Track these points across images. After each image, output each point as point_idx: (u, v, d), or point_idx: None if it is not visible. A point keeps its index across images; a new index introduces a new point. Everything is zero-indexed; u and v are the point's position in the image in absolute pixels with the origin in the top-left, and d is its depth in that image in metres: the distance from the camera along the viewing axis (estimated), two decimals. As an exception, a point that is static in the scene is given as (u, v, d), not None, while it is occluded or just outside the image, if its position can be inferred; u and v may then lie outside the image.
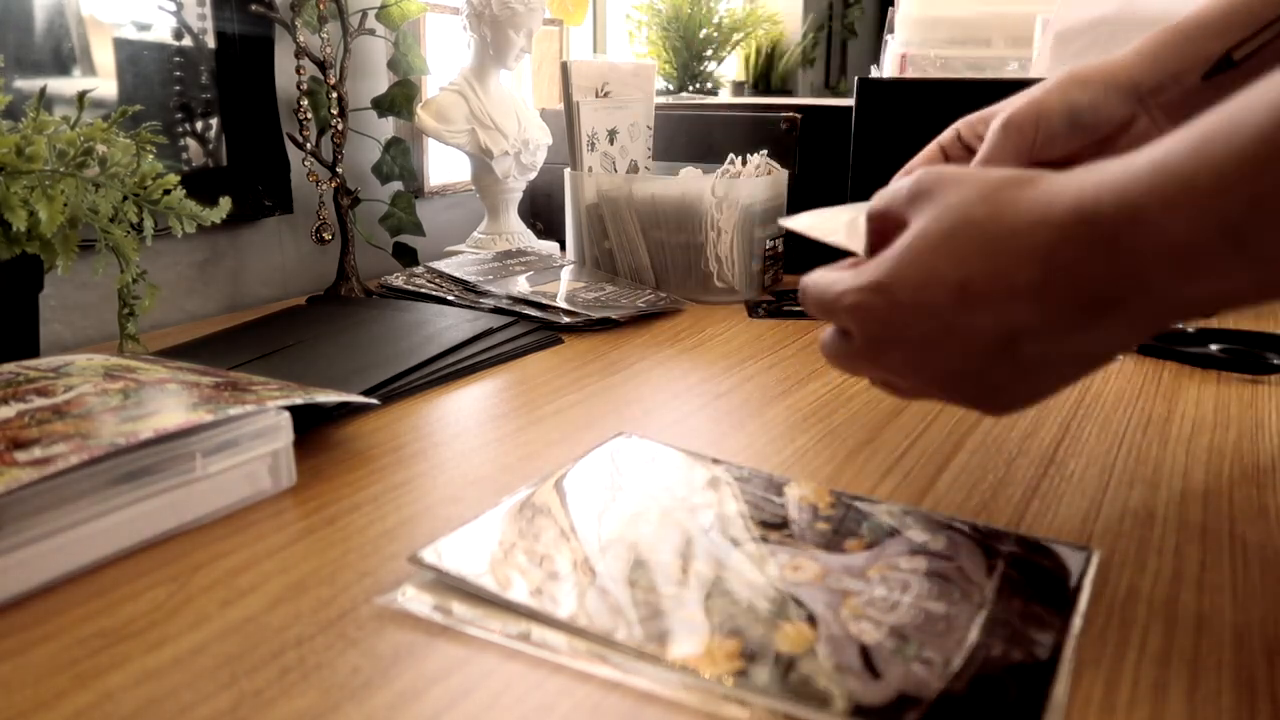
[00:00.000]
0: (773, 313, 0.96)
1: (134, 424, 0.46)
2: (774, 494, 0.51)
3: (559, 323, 0.88)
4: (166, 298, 0.94)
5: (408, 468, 0.57)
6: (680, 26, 2.09)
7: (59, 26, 0.85)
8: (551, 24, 1.47)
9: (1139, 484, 0.55)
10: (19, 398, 0.49)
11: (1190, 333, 0.82)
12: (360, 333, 0.80)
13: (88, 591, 0.43)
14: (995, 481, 0.55)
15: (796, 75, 2.67)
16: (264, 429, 0.52)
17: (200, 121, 0.97)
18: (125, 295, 0.70)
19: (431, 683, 0.36)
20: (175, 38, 0.94)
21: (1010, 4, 1.19)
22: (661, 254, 1.03)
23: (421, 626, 0.40)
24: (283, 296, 1.07)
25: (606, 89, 1.13)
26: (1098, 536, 0.48)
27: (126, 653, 0.38)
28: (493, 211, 1.18)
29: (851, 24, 3.09)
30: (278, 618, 0.41)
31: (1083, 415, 0.66)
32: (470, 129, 1.11)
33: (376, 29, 1.04)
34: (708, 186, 0.99)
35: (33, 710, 0.35)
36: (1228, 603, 0.42)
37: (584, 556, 0.44)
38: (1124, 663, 0.38)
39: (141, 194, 0.69)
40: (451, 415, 0.66)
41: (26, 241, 0.63)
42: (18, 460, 0.42)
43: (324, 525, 0.49)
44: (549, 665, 0.37)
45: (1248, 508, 0.52)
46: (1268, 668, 0.37)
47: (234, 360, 0.73)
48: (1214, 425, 0.64)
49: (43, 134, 0.64)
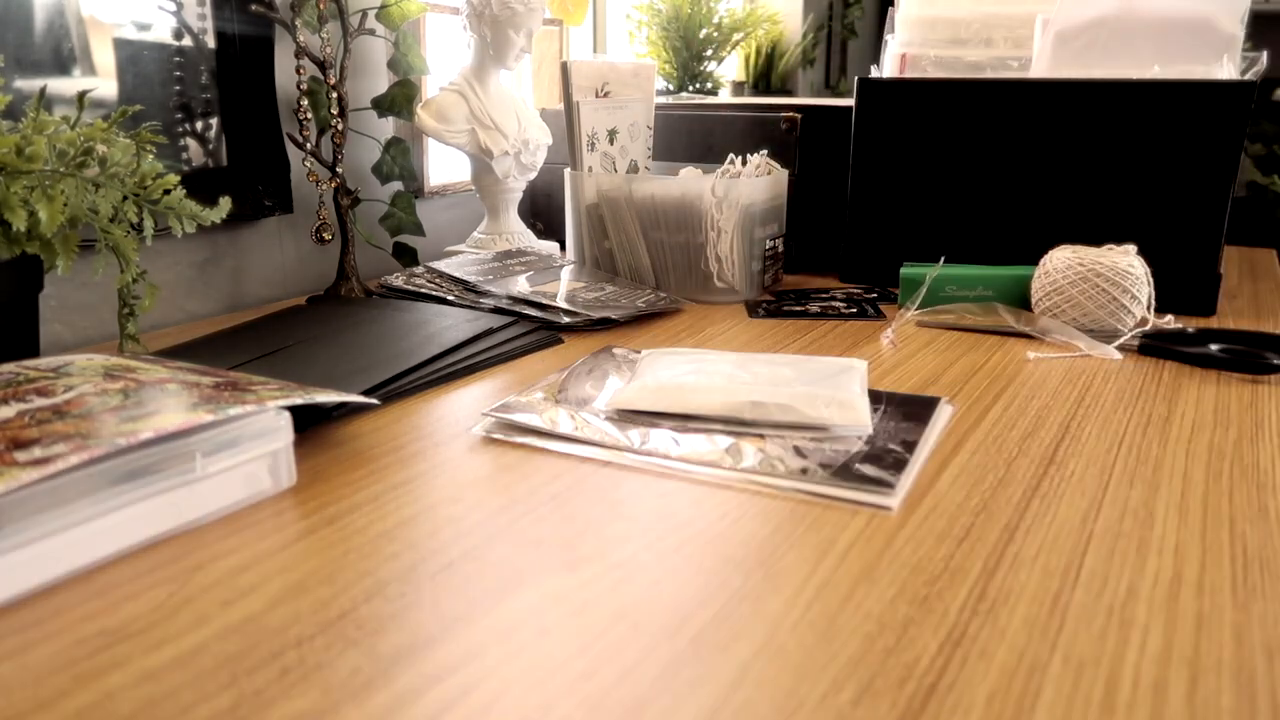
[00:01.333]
0: (773, 313, 0.96)
1: (134, 424, 0.46)
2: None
3: (559, 323, 0.88)
4: (166, 298, 0.94)
5: (408, 468, 0.57)
6: (680, 26, 2.09)
7: (59, 26, 0.85)
8: (551, 24, 1.47)
9: (1139, 484, 0.55)
10: (19, 398, 0.49)
11: (1190, 333, 0.82)
12: (360, 333, 0.80)
13: (88, 591, 0.43)
14: (995, 481, 0.55)
15: (796, 75, 2.67)
16: (264, 429, 0.52)
17: (200, 121, 0.97)
18: (125, 295, 0.70)
19: (431, 683, 0.36)
20: (175, 38, 0.94)
21: (1010, 4, 1.19)
22: (661, 254, 1.03)
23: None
24: (283, 296, 1.07)
25: (606, 89, 1.13)
26: (1098, 536, 0.48)
27: (126, 653, 0.38)
28: (493, 211, 1.18)
29: (851, 24, 3.09)
30: (278, 618, 0.41)
31: (1083, 415, 0.66)
32: (470, 129, 1.11)
33: (376, 29, 1.04)
34: (708, 186, 0.99)
35: (33, 710, 0.35)
36: (1228, 603, 0.42)
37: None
38: (1124, 663, 0.38)
39: (141, 194, 0.69)
40: (451, 415, 0.66)
41: (26, 241, 0.63)
42: (18, 460, 0.42)
43: (324, 525, 0.49)
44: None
45: (1248, 508, 0.52)
46: (1268, 667, 0.37)
47: (234, 360, 0.73)
48: (1214, 425, 0.64)
49: (43, 134, 0.64)
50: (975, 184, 1.03)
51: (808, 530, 0.49)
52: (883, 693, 0.36)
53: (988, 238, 1.04)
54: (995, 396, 0.70)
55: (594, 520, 0.50)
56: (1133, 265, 0.86)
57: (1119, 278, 0.85)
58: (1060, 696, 0.36)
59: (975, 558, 0.46)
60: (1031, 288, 0.91)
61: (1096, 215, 0.99)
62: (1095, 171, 0.98)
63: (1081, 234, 0.98)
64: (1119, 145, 0.97)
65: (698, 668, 0.37)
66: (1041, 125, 0.99)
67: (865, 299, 1.02)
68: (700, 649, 0.39)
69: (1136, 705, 0.35)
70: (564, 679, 0.37)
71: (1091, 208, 0.99)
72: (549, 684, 0.36)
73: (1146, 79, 0.97)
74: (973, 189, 1.04)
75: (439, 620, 0.41)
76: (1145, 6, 1.02)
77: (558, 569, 0.45)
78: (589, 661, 0.38)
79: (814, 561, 0.46)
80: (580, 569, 0.45)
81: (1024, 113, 1.00)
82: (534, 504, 0.52)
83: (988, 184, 1.03)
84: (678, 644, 0.39)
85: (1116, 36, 1.03)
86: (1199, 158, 0.93)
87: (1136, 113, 0.95)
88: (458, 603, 0.42)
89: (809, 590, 0.43)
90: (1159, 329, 0.85)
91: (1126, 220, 0.97)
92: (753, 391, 0.63)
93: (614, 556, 0.46)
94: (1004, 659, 0.38)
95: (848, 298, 1.03)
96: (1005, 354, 0.81)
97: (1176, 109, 0.93)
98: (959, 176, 1.04)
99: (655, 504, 0.52)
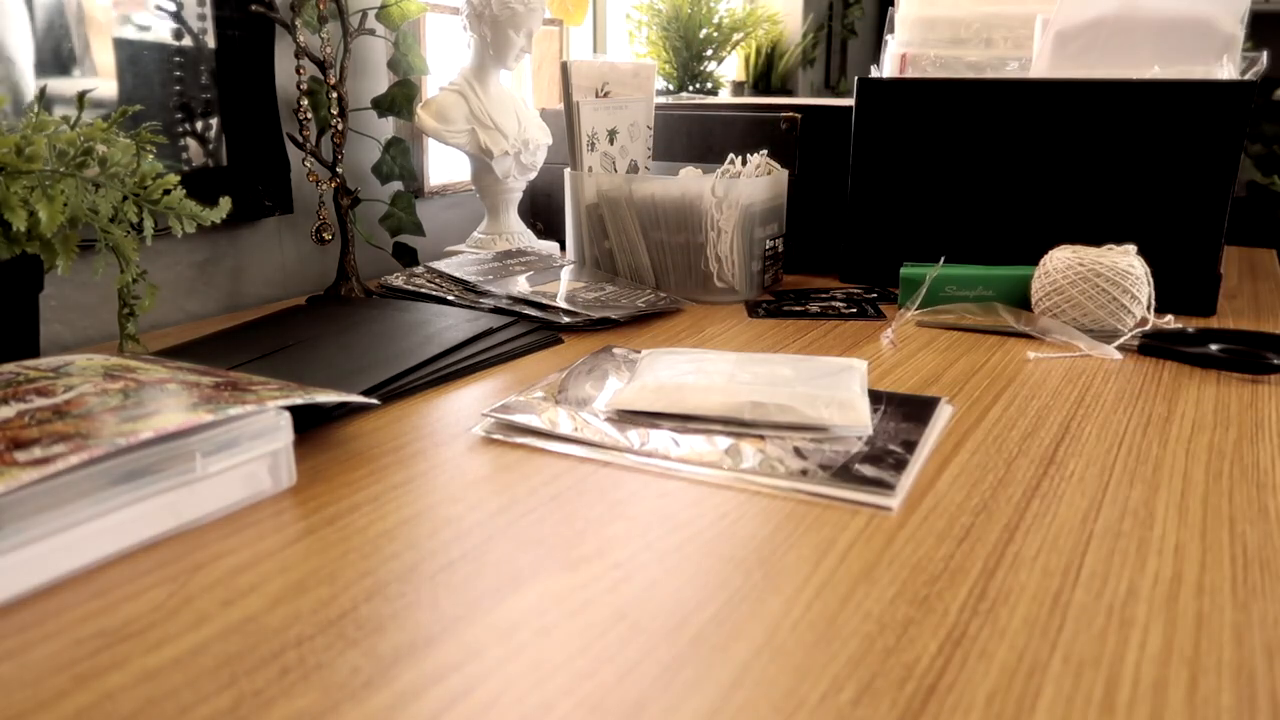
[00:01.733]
0: (772, 312, 0.96)
1: (134, 424, 0.46)
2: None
3: (559, 323, 0.88)
4: (166, 298, 0.94)
5: (408, 468, 0.57)
6: (680, 26, 2.09)
7: (59, 26, 0.85)
8: (551, 24, 1.47)
9: (1139, 484, 0.55)
10: (19, 398, 0.49)
11: (1190, 333, 0.82)
12: (360, 333, 0.80)
13: (88, 591, 0.43)
14: (995, 481, 0.55)
15: (796, 75, 2.67)
16: (264, 429, 0.52)
17: (200, 121, 0.97)
18: (125, 295, 0.70)
19: (431, 683, 0.36)
20: (175, 38, 0.94)
21: (1010, 4, 1.19)
22: (661, 254, 1.03)
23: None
24: (283, 296, 1.07)
25: (606, 89, 1.13)
26: (1098, 536, 0.48)
27: (126, 653, 0.38)
28: (493, 211, 1.18)
29: (851, 24, 3.09)
30: (278, 618, 0.41)
31: (1083, 415, 0.66)
32: (470, 129, 1.11)
33: (376, 29, 1.04)
34: (708, 186, 0.99)
35: (33, 710, 0.35)
36: (1228, 603, 0.42)
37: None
38: (1124, 663, 0.38)
39: (141, 194, 0.69)
40: (451, 415, 0.66)
41: (26, 241, 0.63)
42: (18, 460, 0.42)
43: (324, 525, 0.49)
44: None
45: (1248, 508, 0.52)
46: (1268, 667, 0.37)
47: (234, 360, 0.73)
48: (1214, 425, 0.64)
49: (43, 134, 0.64)
50: (975, 184, 1.03)
51: (808, 530, 0.49)
52: (883, 693, 0.36)
53: (988, 238, 1.04)
54: (995, 396, 0.70)
55: (594, 520, 0.50)
56: (1133, 265, 0.86)
57: (1119, 278, 0.85)
58: (1060, 696, 0.36)
59: (975, 558, 0.46)
60: (1031, 288, 0.91)
61: (1096, 215, 0.99)
62: (1095, 171, 0.98)
63: (1081, 234, 0.98)
64: (1119, 145, 0.97)
65: (698, 668, 0.37)
66: (1041, 125, 0.99)
67: (865, 299, 1.02)
68: (700, 649, 0.39)
69: (1136, 705, 0.35)
70: (564, 679, 0.37)
71: (1091, 208, 0.99)
72: (549, 684, 0.36)
73: (1146, 79, 0.97)
74: (973, 189, 1.04)
75: (439, 620, 0.41)
76: (1145, 6, 1.03)
77: (558, 569, 0.45)
78: (589, 661, 0.38)
79: (814, 561, 0.46)
80: (580, 569, 0.45)
81: (1024, 113, 1.00)
82: (534, 504, 0.52)
83: (988, 184, 1.03)
84: (678, 644, 0.39)
85: (1116, 36, 1.03)
86: (1199, 158, 0.93)
87: (1136, 113, 0.95)
88: (458, 603, 0.42)
89: (809, 590, 0.43)
90: (1159, 329, 0.85)
91: (1126, 220, 0.97)
92: (752, 392, 0.63)
93: (614, 556, 0.46)
94: (1004, 659, 0.38)
95: (848, 298, 1.03)
96: (1005, 354, 0.81)
97: (1176, 109, 0.93)
98: (959, 176, 1.04)
99: (655, 504, 0.52)
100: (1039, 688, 0.36)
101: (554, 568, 0.45)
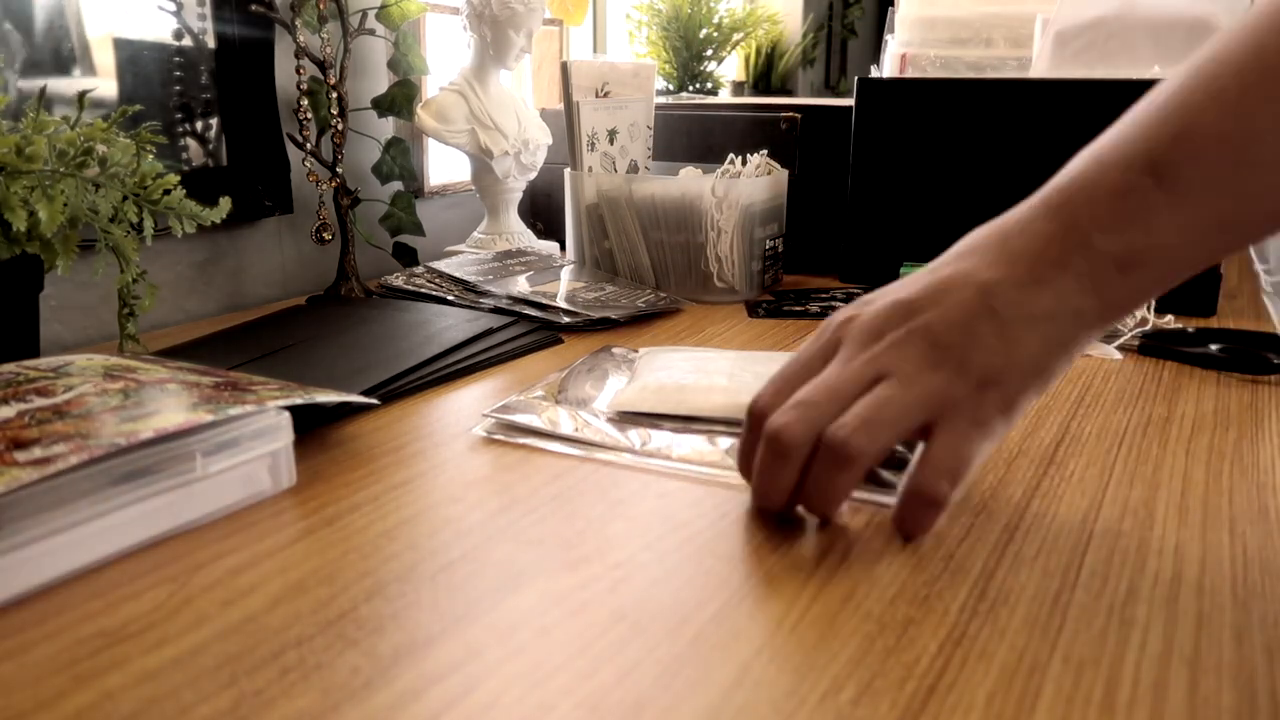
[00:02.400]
0: (773, 313, 0.96)
1: (134, 424, 0.46)
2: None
3: (559, 323, 0.88)
4: (166, 298, 0.94)
5: (408, 468, 0.57)
6: (680, 26, 2.09)
7: (59, 26, 0.85)
8: (551, 24, 1.47)
9: (1139, 484, 0.55)
10: (19, 398, 0.49)
11: (1190, 333, 0.82)
12: (360, 333, 0.80)
13: (88, 591, 0.43)
14: (995, 481, 0.55)
15: (796, 75, 2.67)
16: (264, 429, 0.52)
17: (200, 121, 0.97)
18: (125, 295, 0.70)
19: (431, 683, 0.36)
20: (175, 38, 0.94)
21: (1010, 4, 1.19)
22: (661, 254, 1.03)
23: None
24: (283, 296, 1.07)
25: (606, 89, 1.13)
26: (1098, 536, 0.48)
27: (126, 653, 0.38)
28: (493, 211, 1.18)
29: (851, 24, 3.09)
30: (278, 618, 0.41)
31: (1083, 415, 0.66)
32: (470, 129, 1.11)
33: (376, 29, 1.04)
34: (708, 186, 0.99)
35: (33, 710, 0.35)
36: (1228, 603, 0.42)
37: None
38: (1124, 663, 0.38)
39: (141, 194, 0.69)
40: (451, 415, 0.66)
41: (26, 241, 0.63)
42: (18, 460, 0.42)
43: (324, 525, 0.49)
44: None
45: (1248, 508, 0.52)
46: (1268, 667, 0.37)
47: (234, 360, 0.73)
48: (1214, 425, 0.64)
49: (43, 134, 0.64)
50: (975, 184, 1.03)
51: (808, 530, 0.49)
52: (883, 693, 0.36)
53: (988, 238, 1.03)
54: (995, 396, 0.70)
55: (594, 520, 0.50)
56: (1133, 265, 0.86)
57: (1119, 278, 0.85)
58: (1060, 696, 0.36)
59: (975, 558, 0.46)
60: (1031, 288, 0.91)
61: (1096, 215, 0.98)
62: (1095, 171, 0.98)
63: (1081, 234, 0.98)
64: (1119, 145, 0.96)
65: (698, 668, 0.37)
66: (1041, 125, 0.99)
67: (865, 299, 1.02)
68: (700, 649, 0.39)
69: (1136, 705, 0.35)
70: (564, 679, 0.37)
71: (1091, 208, 0.99)
72: (549, 684, 0.36)
73: (1146, 79, 0.97)
74: (973, 189, 1.04)
75: (439, 620, 0.41)
76: (1145, 6, 1.03)
77: (558, 569, 0.45)
78: (589, 661, 0.38)
79: (814, 561, 0.46)
80: (580, 569, 0.45)
81: (1024, 113, 1.00)
82: (534, 504, 0.52)
83: (988, 184, 1.03)
84: (678, 644, 0.39)
85: (1116, 36, 1.03)
86: (1199, 158, 0.93)
87: (1136, 113, 0.95)
88: (458, 603, 0.42)
89: (809, 590, 0.43)
90: (1159, 329, 0.85)
91: (1126, 220, 0.97)
92: (753, 392, 0.63)
93: (614, 556, 0.46)
94: (1004, 659, 0.38)
95: (848, 298, 1.03)
96: (1005, 354, 0.81)
97: (1176, 109, 0.93)
98: (959, 176, 1.04)
99: (655, 504, 0.52)
100: (1039, 688, 0.36)
101: (554, 568, 0.45)
